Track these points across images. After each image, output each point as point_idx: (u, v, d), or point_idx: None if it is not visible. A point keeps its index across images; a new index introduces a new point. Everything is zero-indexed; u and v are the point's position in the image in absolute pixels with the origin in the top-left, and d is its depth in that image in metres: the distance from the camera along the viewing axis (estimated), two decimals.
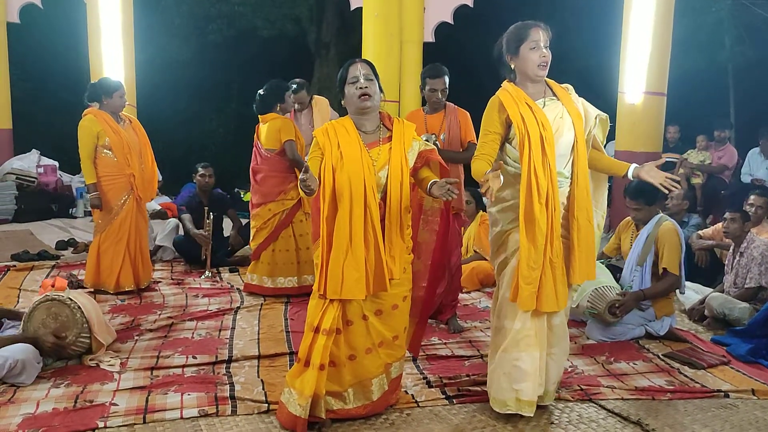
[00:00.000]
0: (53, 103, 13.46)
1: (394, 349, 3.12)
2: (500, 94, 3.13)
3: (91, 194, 5.18)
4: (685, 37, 9.58)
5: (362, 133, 3.05)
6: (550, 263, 3.06)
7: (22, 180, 9.02)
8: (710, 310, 4.72)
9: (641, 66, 6.96)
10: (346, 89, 3.03)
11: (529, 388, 3.10)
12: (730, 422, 3.21)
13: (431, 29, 10.33)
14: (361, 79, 2.98)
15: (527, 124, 3.00)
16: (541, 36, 3.02)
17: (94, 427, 3.01)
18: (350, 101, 3.03)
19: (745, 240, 4.82)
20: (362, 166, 2.95)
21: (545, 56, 3.03)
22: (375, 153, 3.02)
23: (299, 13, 15.17)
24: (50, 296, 3.70)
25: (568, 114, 3.09)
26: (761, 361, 3.97)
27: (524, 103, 3.05)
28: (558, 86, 3.20)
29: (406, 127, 3.11)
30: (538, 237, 3.03)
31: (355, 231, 2.93)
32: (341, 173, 2.94)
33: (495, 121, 3.09)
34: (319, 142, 3.04)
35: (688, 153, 8.37)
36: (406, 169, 3.03)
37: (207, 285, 5.62)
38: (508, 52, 3.11)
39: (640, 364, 3.95)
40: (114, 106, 5.18)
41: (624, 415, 3.24)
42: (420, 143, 3.13)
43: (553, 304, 3.09)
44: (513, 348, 3.11)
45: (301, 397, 2.92)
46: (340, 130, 3.04)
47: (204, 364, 3.81)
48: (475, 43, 16.27)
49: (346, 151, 2.97)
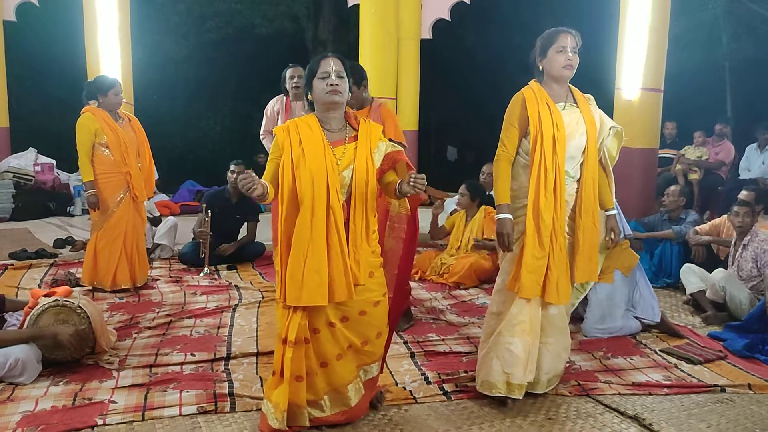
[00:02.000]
0: (50, 102, 13.45)
1: (365, 354, 3.00)
2: (525, 91, 3.30)
3: (88, 192, 5.18)
4: (681, 33, 9.61)
5: (326, 131, 2.92)
6: (553, 256, 3.18)
7: (19, 178, 9.02)
8: (713, 286, 4.74)
9: (638, 62, 6.97)
10: (315, 83, 2.90)
11: (519, 372, 3.22)
12: (727, 417, 3.23)
13: (428, 26, 10.33)
14: (332, 75, 2.86)
15: (542, 122, 3.18)
16: (569, 41, 3.19)
17: (93, 424, 3.02)
18: (318, 96, 2.90)
19: (749, 233, 4.85)
20: (325, 165, 2.82)
21: (570, 59, 3.20)
22: (339, 152, 2.90)
23: (296, 11, 15.17)
24: (60, 302, 3.66)
25: (583, 121, 3.26)
26: (757, 356, 3.99)
27: (544, 103, 3.23)
28: (580, 94, 3.37)
29: (372, 127, 3.01)
30: (542, 229, 3.17)
31: (316, 234, 2.78)
32: (303, 171, 2.80)
33: (516, 115, 3.27)
34: (279, 141, 2.90)
35: (685, 149, 8.39)
36: (372, 169, 2.90)
37: (205, 282, 5.63)
38: (538, 55, 3.29)
39: (637, 359, 3.97)
40: (110, 103, 5.18)
41: (621, 410, 3.25)
42: (386, 144, 3.02)
43: (555, 297, 3.22)
44: (507, 332, 3.24)
45: (277, 410, 2.85)
46: (302, 127, 2.91)
47: (203, 361, 3.81)
48: (472, 40, 16.29)
49: (309, 149, 2.84)
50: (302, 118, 2.98)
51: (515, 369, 3.22)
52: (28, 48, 12.67)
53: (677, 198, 5.94)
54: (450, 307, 4.99)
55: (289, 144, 2.86)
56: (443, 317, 4.73)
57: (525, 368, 3.24)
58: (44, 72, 13.37)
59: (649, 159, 7.31)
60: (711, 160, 8.37)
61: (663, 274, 5.76)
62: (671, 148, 8.53)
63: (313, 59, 2.99)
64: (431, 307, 4.97)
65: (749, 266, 4.78)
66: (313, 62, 2.95)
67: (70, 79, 11.11)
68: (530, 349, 3.25)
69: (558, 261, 3.21)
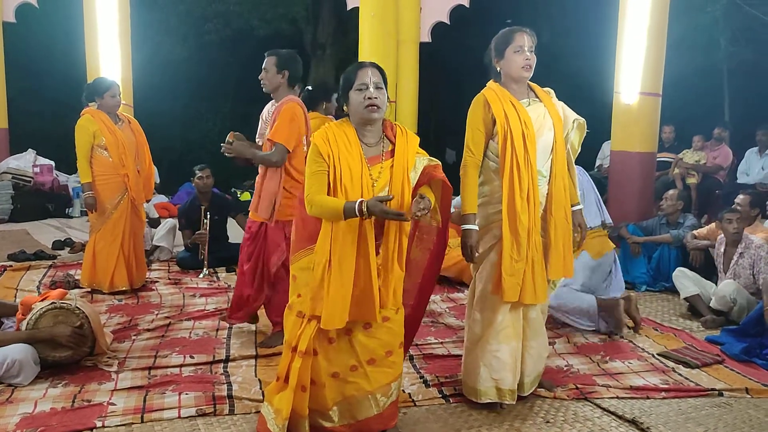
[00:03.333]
0: (49, 103, 13.43)
1: (390, 366, 2.89)
2: (485, 92, 3.24)
3: (86, 193, 5.19)
4: (680, 38, 9.62)
5: (364, 145, 2.80)
6: (530, 257, 3.17)
7: (18, 179, 9.01)
8: (723, 297, 4.74)
9: (636, 66, 6.98)
10: (352, 95, 2.76)
11: (508, 377, 3.24)
12: (724, 421, 3.24)
13: (428, 29, 10.35)
14: (370, 88, 2.72)
15: (510, 121, 3.13)
16: (526, 40, 3.14)
17: (92, 426, 3.03)
18: (355, 110, 2.77)
19: (743, 240, 4.86)
20: (361, 188, 2.72)
21: (529, 59, 3.14)
22: (376, 171, 2.78)
23: (295, 13, 15.16)
24: (57, 304, 3.67)
25: (549, 115, 3.22)
26: (755, 360, 4.00)
27: (508, 102, 3.18)
28: (540, 89, 3.33)
29: (410, 140, 2.87)
30: (520, 231, 3.13)
31: (345, 255, 2.70)
32: (339, 192, 2.71)
33: (480, 117, 3.19)
34: (323, 152, 2.73)
35: (683, 153, 8.41)
36: (407, 192, 2.79)
37: (204, 285, 5.63)
38: (495, 56, 3.24)
39: (635, 363, 3.98)
40: (107, 105, 5.20)
41: (619, 413, 3.26)
42: (424, 159, 2.89)
43: (532, 297, 3.20)
44: (493, 339, 3.23)
45: (278, 416, 2.80)
46: (341, 138, 2.76)
47: (201, 363, 3.82)
48: (471, 43, 16.30)
49: (346, 167, 2.72)
50: (339, 126, 2.83)
51: (504, 374, 3.23)
52: (27, 49, 12.65)
53: (675, 202, 5.95)
54: (448, 310, 5.00)
55: (330, 157, 2.72)
56: (442, 320, 4.74)
57: (513, 373, 3.25)
58: (43, 73, 13.35)
59: (648, 163, 7.32)
60: (709, 164, 8.38)
61: (661, 278, 5.76)
62: (669, 152, 8.54)
63: (349, 68, 2.83)
64: (430, 310, 4.97)
65: (747, 273, 4.79)
66: (349, 71, 2.81)
67: (70, 80, 11.10)
68: (516, 354, 3.26)
69: (535, 261, 3.18)
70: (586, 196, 4.30)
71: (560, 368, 3.86)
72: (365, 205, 2.59)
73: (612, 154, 7.53)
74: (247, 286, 4.12)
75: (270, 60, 4.07)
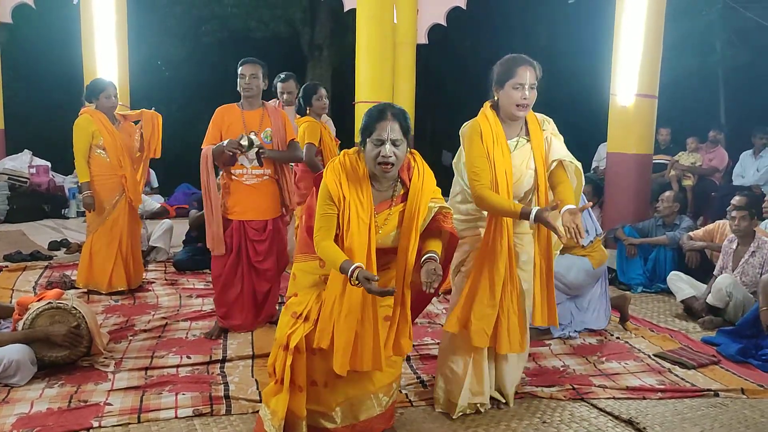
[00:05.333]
0: (46, 104, 13.43)
1: (392, 366, 2.89)
2: (481, 123, 3.08)
3: (84, 193, 5.19)
4: (676, 40, 9.66)
5: (375, 190, 2.74)
6: (506, 307, 3.11)
7: (14, 180, 9.00)
8: (719, 291, 4.77)
9: (633, 68, 7.02)
10: (368, 145, 2.65)
11: (456, 391, 3.20)
12: (720, 421, 3.25)
13: (425, 31, 10.38)
14: (387, 145, 2.60)
15: (497, 169, 3.01)
16: (528, 77, 2.98)
17: (89, 426, 3.02)
18: (368, 161, 2.68)
19: (756, 240, 4.88)
20: (369, 235, 2.68)
21: (526, 99, 2.99)
22: (382, 218, 2.74)
23: (292, 15, 15.19)
24: (54, 304, 3.66)
25: (533, 159, 3.08)
26: (751, 360, 4.02)
27: (499, 145, 3.03)
28: (535, 122, 3.15)
29: (425, 184, 2.76)
30: (495, 278, 3.06)
31: (347, 299, 2.67)
32: (345, 236, 2.68)
33: (480, 146, 3.04)
34: (333, 195, 2.68)
35: (679, 155, 8.43)
36: (414, 239, 2.72)
37: (201, 285, 5.63)
38: (495, 84, 3.09)
39: (631, 363, 3.99)
40: (102, 106, 5.21)
41: (616, 414, 3.27)
42: (436, 207, 2.76)
43: (506, 346, 3.14)
44: (450, 350, 3.25)
45: (274, 417, 2.78)
46: (352, 180, 2.69)
47: (198, 364, 3.81)
48: (468, 45, 16.34)
49: (354, 214, 2.67)
50: (354, 162, 2.73)
51: (453, 387, 3.21)
52: (23, 50, 12.65)
53: (671, 204, 5.97)
54: (445, 311, 5.00)
55: (339, 201, 2.68)
56: (438, 321, 4.75)
57: (469, 388, 3.19)
58: (40, 74, 13.34)
59: (644, 164, 7.35)
60: (705, 166, 8.41)
61: (657, 279, 5.78)
62: (665, 154, 8.57)
63: (372, 111, 2.68)
64: (426, 311, 4.97)
65: (755, 272, 4.80)
66: (371, 116, 2.66)
67: (66, 81, 11.11)
68: (478, 368, 3.19)
69: (510, 311, 3.10)
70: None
71: (557, 369, 3.87)
72: (356, 274, 2.56)
73: (608, 156, 7.56)
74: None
75: (260, 68, 4.34)
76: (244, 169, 4.31)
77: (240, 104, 4.40)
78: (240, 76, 4.32)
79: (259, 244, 4.37)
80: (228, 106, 4.42)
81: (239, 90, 4.36)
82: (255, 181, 4.32)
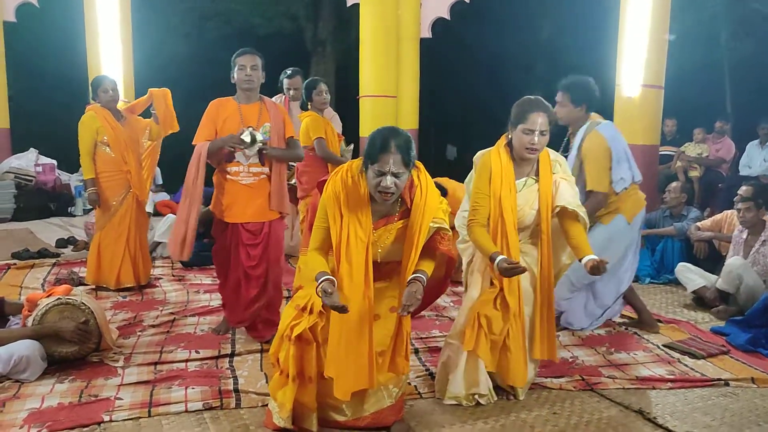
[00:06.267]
0: (51, 102, 13.45)
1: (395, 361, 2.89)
2: (493, 162, 3.20)
3: (89, 190, 5.20)
4: (681, 31, 9.63)
5: (374, 207, 2.75)
6: (509, 343, 3.22)
7: (20, 179, 9.03)
8: (729, 273, 4.75)
9: (638, 59, 6.97)
10: (370, 172, 2.62)
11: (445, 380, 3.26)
12: (731, 410, 3.24)
13: (428, 25, 10.35)
14: (388, 177, 2.58)
15: (503, 206, 3.16)
16: (540, 123, 3.08)
17: (100, 420, 3.02)
18: (370, 186, 2.65)
19: (766, 229, 4.86)
20: (366, 251, 2.70)
21: (535, 144, 3.10)
22: (381, 234, 2.76)
23: (295, 11, 15.18)
24: (63, 300, 3.67)
25: (538, 200, 3.20)
26: (760, 350, 4.00)
27: (507, 185, 3.17)
28: (547, 164, 3.25)
29: (428, 204, 2.73)
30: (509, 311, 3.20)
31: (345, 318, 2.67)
32: (340, 250, 2.70)
33: (487, 183, 3.19)
34: (329, 211, 2.72)
35: (685, 146, 8.41)
36: (413, 263, 2.74)
37: (208, 281, 5.63)
38: (510, 124, 3.20)
39: (640, 354, 3.98)
40: (102, 102, 5.23)
41: (626, 404, 3.26)
42: (436, 226, 2.75)
43: (506, 378, 3.26)
44: (455, 338, 3.30)
45: (282, 410, 2.81)
46: (352, 197, 2.69)
47: (207, 358, 3.82)
48: (471, 39, 16.29)
49: (353, 232, 2.68)
50: (357, 176, 2.72)
51: (448, 371, 3.27)
52: (28, 49, 12.67)
53: (679, 194, 5.95)
54: (453, 304, 5.01)
55: (335, 219, 2.70)
56: (446, 314, 4.75)
57: (456, 374, 3.23)
58: (44, 73, 13.37)
59: (650, 155, 7.31)
60: (711, 157, 8.38)
61: (665, 270, 5.77)
62: (671, 145, 8.54)
63: (376, 136, 2.64)
64: (434, 304, 4.97)
65: (766, 261, 4.79)
66: (373, 145, 2.62)
67: (71, 79, 11.12)
68: (468, 355, 3.22)
69: (511, 348, 3.21)
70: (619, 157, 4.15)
71: (565, 360, 3.86)
72: (319, 288, 2.61)
73: None
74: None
75: (259, 59, 4.01)
76: (241, 166, 3.99)
77: (236, 97, 4.07)
78: (239, 67, 3.97)
79: (253, 248, 4.04)
80: (223, 99, 4.09)
81: (235, 82, 4.03)
82: (252, 180, 4.00)
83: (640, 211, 4.30)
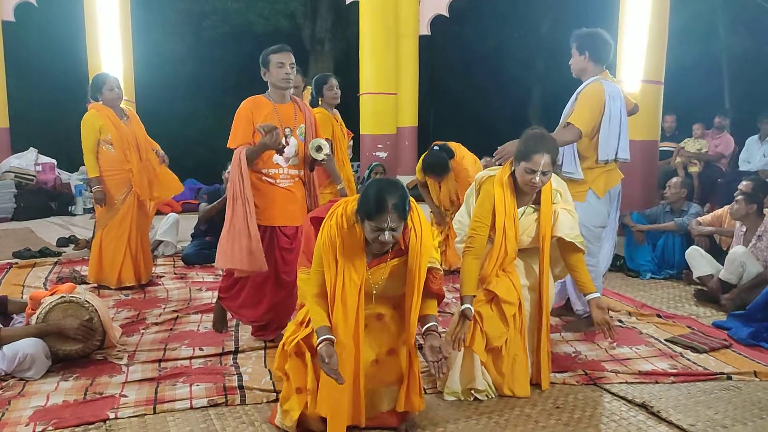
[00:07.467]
0: (50, 101, 13.45)
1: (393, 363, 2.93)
2: (496, 191, 3.28)
3: (95, 188, 5.21)
4: (680, 27, 9.63)
5: (368, 251, 2.74)
6: (512, 354, 3.31)
7: (20, 178, 9.02)
8: (734, 261, 4.78)
9: (638, 54, 6.98)
10: (367, 225, 2.60)
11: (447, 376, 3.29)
12: (733, 404, 3.26)
13: (427, 22, 10.36)
14: (386, 233, 2.58)
15: (507, 233, 3.27)
16: (542, 164, 3.14)
17: (105, 418, 3.03)
18: (368, 235, 2.64)
19: (763, 224, 4.88)
20: (356, 297, 2.71)
21: (536, 183, 3.18)
22: (376, 272, 2.76)
23: (293, 9, 15.18)
24: (66, 298, 3.68)
25: (538, 227, 3.31)
26: (762, 344, 4.01)
27: (510, 213, 3.26)
28: (548, 195, 3.32)
29: (423, 246, 2.72)
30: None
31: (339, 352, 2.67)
32: (335, 292, 2.70)
33: (488, 212, 3.28)
34: (324, 259, 2.71)
35: (684, 141, 8.42)
36: (417, 305, 2.76)
37: (210, 279, 5.64)
38: (516, 158, 3.26)
39: (642, 348, 3.99)
40: (107, 100, 5.22)
41: (629, 398, 3.28)
42: (429, 266, 2.76)
43: (512, 388, 3.31)
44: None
45: (286, 417, 2.85)
46: (348, 243, 2.69)
47: (211, 355, 3.83)
48: (470, 36, 16.29)
49: (347, 279, 2.69)
50: (350, 225, 2.70)
51: (452, 373, 3.28)
52: (27, 48, 12.66)
53: (679, 190, 5.96)
54: (455, 300, 5.01)
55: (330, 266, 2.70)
56: (448, 309, 4.75)
57: (454, 369, 3.26)
58: (44, 72, 13.37)
59: (650, 151, 7.33)
60: (710, 152, 8.40)
61: (666, 265, 5.79)
62: (671, 141, 8.55)
63: (368, 198, 2.58)
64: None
65: (765, 255, 4.81)
66: (368, 205, 2.57)
67: (71, 79, 11.12)
68: (465, 351, 3.26)
69: (516, 360, 3.30)
70: (611, 117, 4.06)
71: (568, 355, 3.88)
72: (320, 347, 2.62)
73: None
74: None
75: (291, 56, 3.94)
76: (280, 168, 3.87)
77: (269, 96, 3.91)
78: (278, 65, 3.82)
79: (288, 253, 3.93)
80: (256, 98, 3.91)
81: (269, 80, 3.88)
82: (289, 182, 3.90)
83: (613, 186, 4.15)
